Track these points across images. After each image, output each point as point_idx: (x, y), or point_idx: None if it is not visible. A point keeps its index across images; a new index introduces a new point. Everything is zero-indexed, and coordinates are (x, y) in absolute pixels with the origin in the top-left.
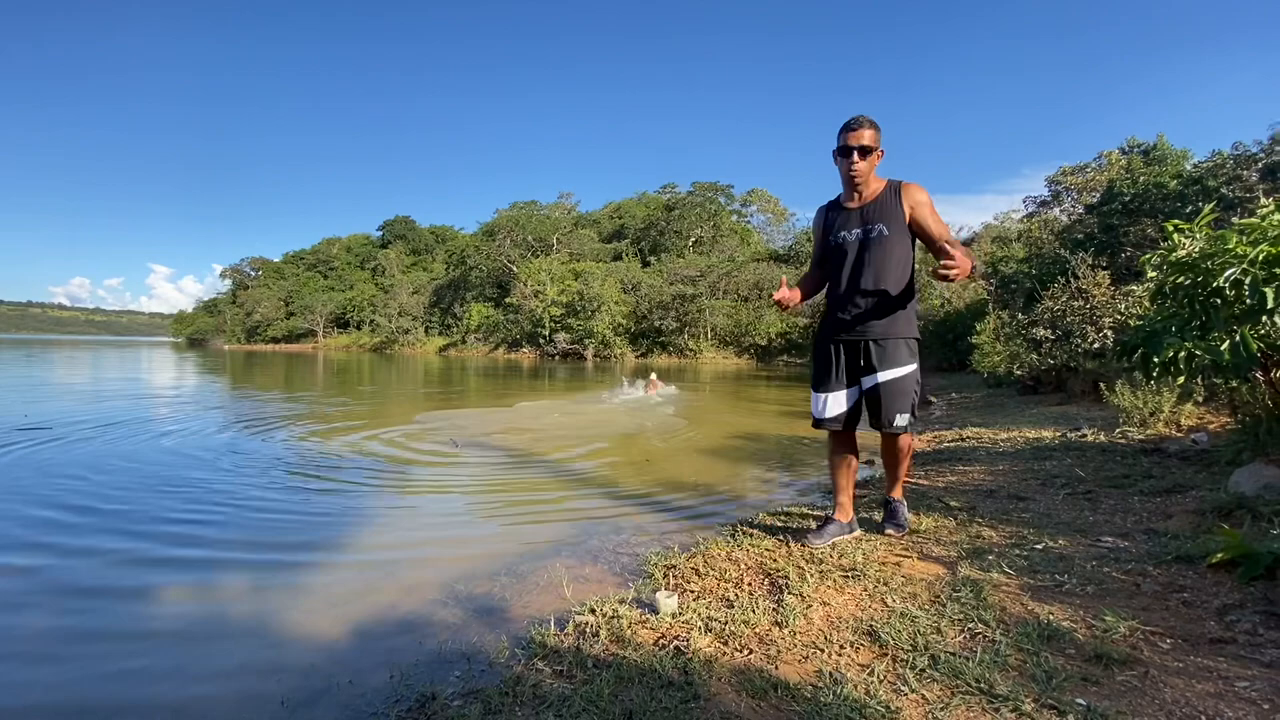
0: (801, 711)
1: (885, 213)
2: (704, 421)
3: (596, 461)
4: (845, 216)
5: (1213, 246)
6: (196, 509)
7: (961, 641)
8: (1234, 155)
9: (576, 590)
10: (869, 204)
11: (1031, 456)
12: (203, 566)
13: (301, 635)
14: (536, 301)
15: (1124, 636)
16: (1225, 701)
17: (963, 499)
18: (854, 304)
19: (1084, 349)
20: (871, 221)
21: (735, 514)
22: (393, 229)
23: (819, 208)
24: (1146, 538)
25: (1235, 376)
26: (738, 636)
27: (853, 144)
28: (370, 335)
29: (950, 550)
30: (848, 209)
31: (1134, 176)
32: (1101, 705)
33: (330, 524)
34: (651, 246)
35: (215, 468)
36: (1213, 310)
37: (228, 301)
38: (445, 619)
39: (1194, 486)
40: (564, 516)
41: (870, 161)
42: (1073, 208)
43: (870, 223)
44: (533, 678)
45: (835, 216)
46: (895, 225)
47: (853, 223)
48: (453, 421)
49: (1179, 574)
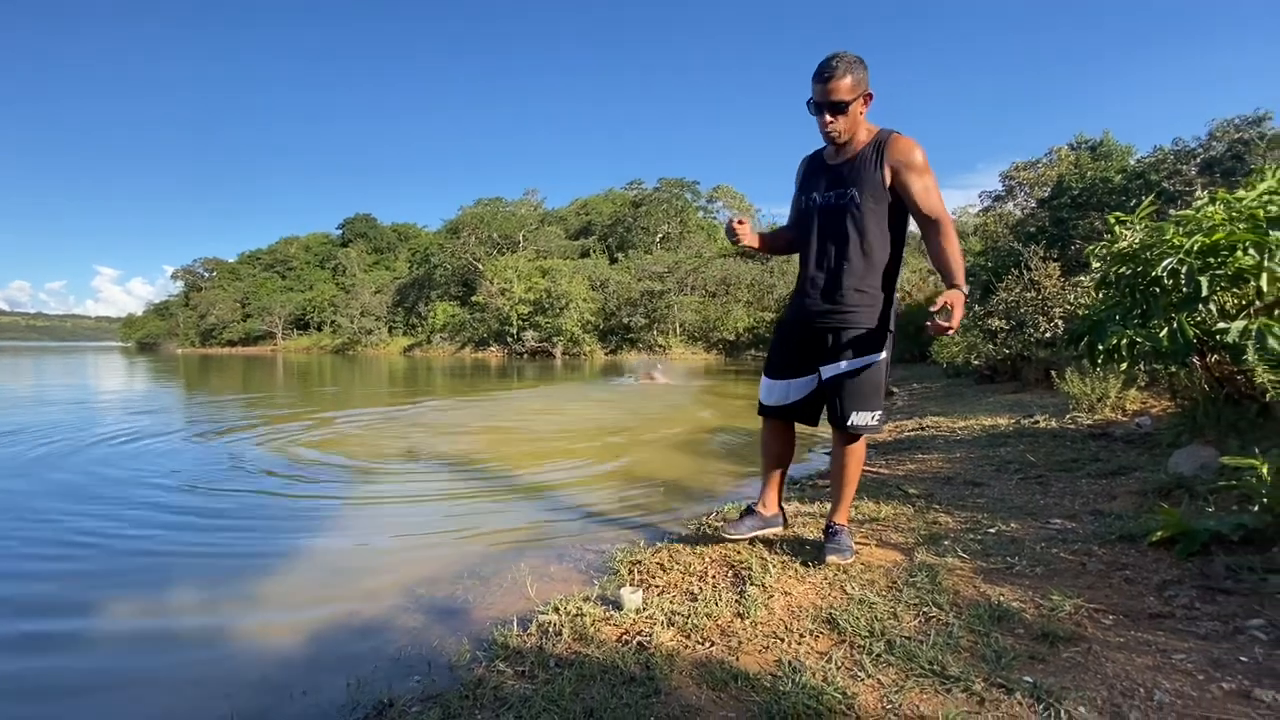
0: (761, 701)
1: (862, 174)
2: (674, 417)
3: (565, 459)
4: (822, 174)
5: (1152, 238)
6: (140, 515)
7: (917, 625)
8: (1174, 150)
9: (541, 590)
10: (848, 161)
11: (987, 443)
12: (146, 577)
13: (254, 646)
14: (503, 299)
15: (1069, 615)
16: (1163, 673)
17: (921, 486)
18: (816, 283)
19: (1037, 338)
20: (844, 184)
21: (702, 508)
22: (353, 227)
23: (804, 156)
24: (1093, 519)
25: (1174, 362)
26: (700, 629)
27: (823, 101)
28: (332, 336)
29: (908, 537)
30: (827, 165)
31: (1082, 171)
32: (1047, 682)
33: (286, 530)
34: (619, 243)
35: (163, 472)
36: (1152, 299)
37: (180, 304)
38: (406, 624)
39: (1137, 468)
40: (529, 516)
41: (850, 115)
42: (1025, 202)
43: (843, 185)
44: (494, 680)
45: (813, 172)
46: (870, 190)
47: (824, 183)
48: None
49: (1122, 553)
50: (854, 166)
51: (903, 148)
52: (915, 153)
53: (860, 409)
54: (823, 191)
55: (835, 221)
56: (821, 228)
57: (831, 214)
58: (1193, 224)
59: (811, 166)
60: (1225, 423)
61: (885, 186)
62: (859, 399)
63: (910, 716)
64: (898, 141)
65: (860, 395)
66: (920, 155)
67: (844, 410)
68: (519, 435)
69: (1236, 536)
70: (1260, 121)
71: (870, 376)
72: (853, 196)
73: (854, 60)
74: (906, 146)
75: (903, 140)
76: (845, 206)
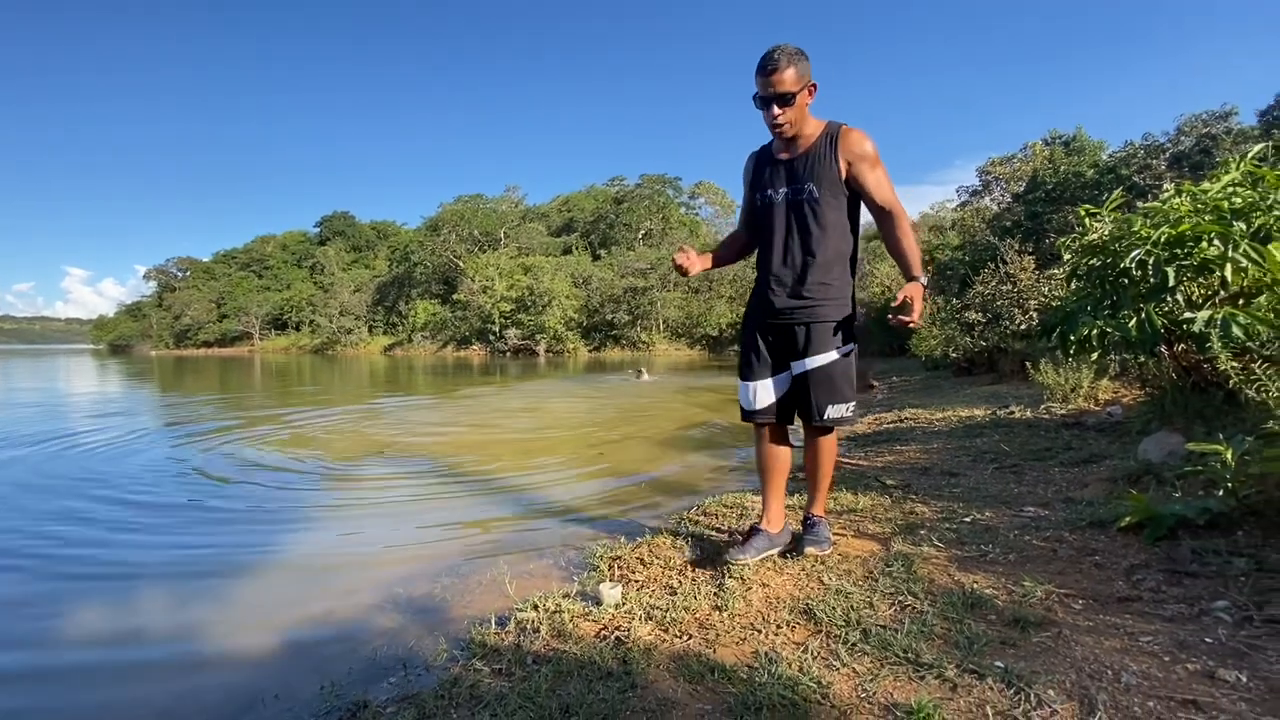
0: (737, 692)
1: (817, 168)
2: (657, 413)
3: (545, 456)
4: (775, 170)
5: (1120, 230)
6: (110, 516)
7: (892, 614)
8: (1144, 145)
9: (520, 587)
10: (800, 156)
11: (964, 434)
12: (116, 580)
13: (227, 650)
14: (485, 297)
15: (1040, 600)
16: (1130, 656)
17: (898, 477)
18: (781, 280)
19: (1012, 330)
20: (801, 179)
21: (684, 503)
22: (331, 225)
23: (750, 154)
24: (1064, 506)
25: (1143, 352)
26: (678, 623)
27: (769, 93)
28: (310, 336)
29: (885, 527)
30: (778, 161)
31: (1055, 166)
32: (1018, 666)
33: (259, 531)
34: (601, 240)
35: (133, 474)
36: (1121, 290)
37: (153, 305)
38: (382, 624)
39: (1108, 456)
40: (509, 513)
41: (796, 107)
42: (1001, 196)
43: (800, 180)
44: (470, 678)
45: (765, 169)
46: (828, 184)
47: (781, 179)
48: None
49: (1092, 538)
50: (809, 161)
51: (855, 140)
52: (867, 144)
53: (835, 401)
54: (779, 188)
55: (796, 217)
56: (782, 224)
57: (792, 210)
58: (1160, 216)
59: (761, 164)
60: (1192, 410)
61: (842, 180)
62: (833, 392)
63: (884, 704)
64: (850, 134)
65: (834, 388)
66: (872, 147)
67: (818, 404)
68: (500, 432)
69: (1202, 521)
70: (1227, 117)
71: (843, 368)
72: (811, 191)
73: (795, 52)
74: (859, 139)
75: (854, 133)
76: (806, 201)
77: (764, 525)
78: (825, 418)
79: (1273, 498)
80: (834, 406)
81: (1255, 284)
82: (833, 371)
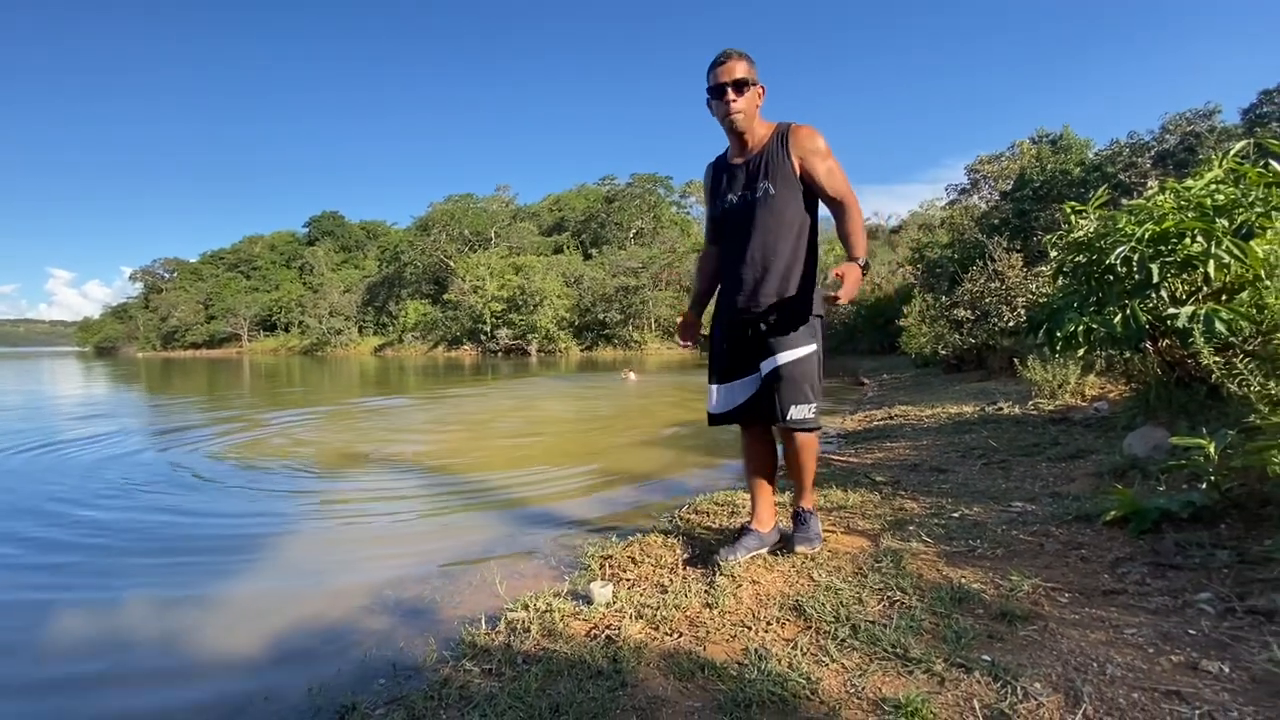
0: (727, 689)
1: (772, 167)
2: (649, 412)
3: (536, 455)
4: (731, 176)
5: (1105, 227)
6: (96, 519)
7: (881, 610)
8: (1130, 144)
9: (511, 587)
10: (754, 157)
11: (953, 431)
12: (101, 585)
13: (215, 653)
14: (476, 297)
15: (1027, 594)
16: (1115, 648)
17: (888, 474)
18: (744, 280)
19: (1001, 327)
20: (757, 179)
21: (676, 501)
22: (320, 225)
23: (708, 165)
24: (1051, 500)
25: (1128, 347)
26: (669, 621)
27: (725, 80)
28: (300, 337)
29: (875, 523)
30: (734, 166)
31: (1043, 164)
32: (1005, 660)
33: (249, 533)
34: (593, 239)
35: (121, 477)
36: (1107, 286)
37: (139, 306)
38: (372, 626)
39: (1094, 451)
40: (501, 513)
41: (749, 98)
42: (990, 194)
43: (756, 180)
44: (460, 679)
45: (722, 177)
46: (784, 181)
47: (739, 183)
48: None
49: (1078, 532)
50: (762, 161)
51: (805, 135)
52: (818, 139)
53: (797, 402)
54: (738, 191)
55: (755, 217)
56: (742, 226)
57: (750, 211)
58: (1144, 213)
59: (719, 172)
60: (1176, 405)
61: (796, 175)
62: (796, 392)
63: (872, 699)
64: (799, 130)
65: (797, 388)
66: (823, 141)
67: (782, 405)
68: (491, 432)
69: (1186, 514)
70: (1210, 115)
71: (804, 368)
72: (767, 189)
73: (746, 55)
74: (809, 134)
75: (804, 129)
76: (762, 200)
77: (754, 524)
78: (789, 419)
79: (1255, 490)
80: (796, 407)
81: (1238, 280)
82: (800, 369)
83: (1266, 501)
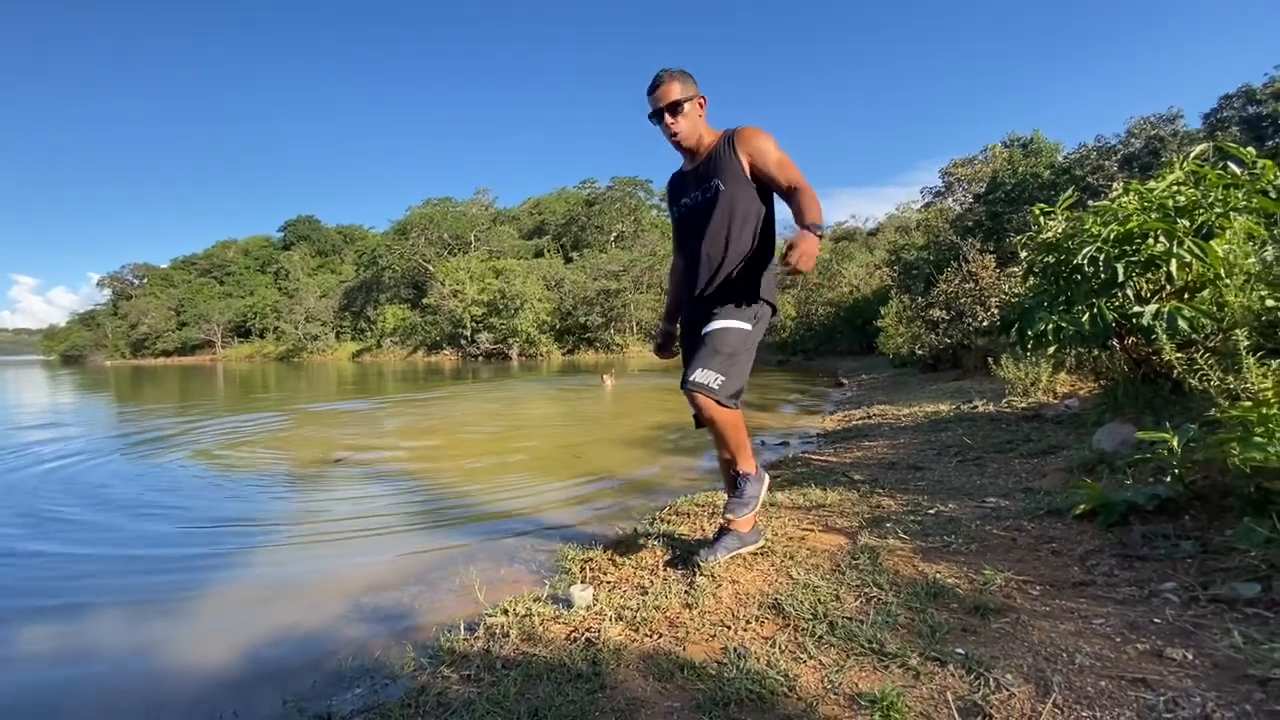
0: (706, 689)
1: (720, 166)
2: (631, 414)
3: (521, 457)
4: (685, 182)
5: (1073, 228)
6: (60, 527)
7: (858, 606)
8: (1097, 147)
9: (491, 592)
10: (704, 161)
11: (929, 429)
12: (70, 594)
13: (185, 666)
14: (456, 301)
15: (1000, 588)
16: (1084, 638)
17: (866, 472)
18: (699, 274)
19: (975, 327)
20: (708, 178)
21: (657, 503)
22: (296, 229)
23: (669, 178)
24: (1024, 496)
25: (1096, 345)
26: (648, 622)
27: (661, 105)
28: (275, 343)
29: (853, 521)
30: (687, 173)
31: (1014, 167)
32: (978, 652)
33: (220, 542)
34: (573, 242)
35: (88, 484)
36: (1075, 286)
37: (108, 313)
38: (349, 634)
39: (1065, 447)
40: (481, 517)
41: (689, 116)
42: (963, 197)
43: (707, 179)
44: (438, 686)
45: (678, 184)
46: (732, 179)
47: (691, 186)
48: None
49: (1049, 526)
50: (711, 162)
51: (749, 134)
52: (762, 135)
53: (706, 366)
54: (691, 194)
55: (707, 214)
56: (698, 224)
57: (703, 209)
58: (1109, 214)
59: (675, 181)
60: (1142, 400)
61: (746, 172)
62: (706, 357)
63: (849, 694)
64: (744, 131)
65: (709, 354)
66: (767, 135)
67: (691, 368)
68: (471, 435)
69: (1152, 506)
70: (1174, 119)
71: (726, 338)
72: (717, 186)
73: (678, 71)
74: (753, 133)
75: (748, 129)
76: (713, 199)
77: (733, 525)
78: (689, 379)
79: (1216, 482)
80: (701, 371)
81: (1199, 279)
82: (722, 338)
83: (1227, 493)
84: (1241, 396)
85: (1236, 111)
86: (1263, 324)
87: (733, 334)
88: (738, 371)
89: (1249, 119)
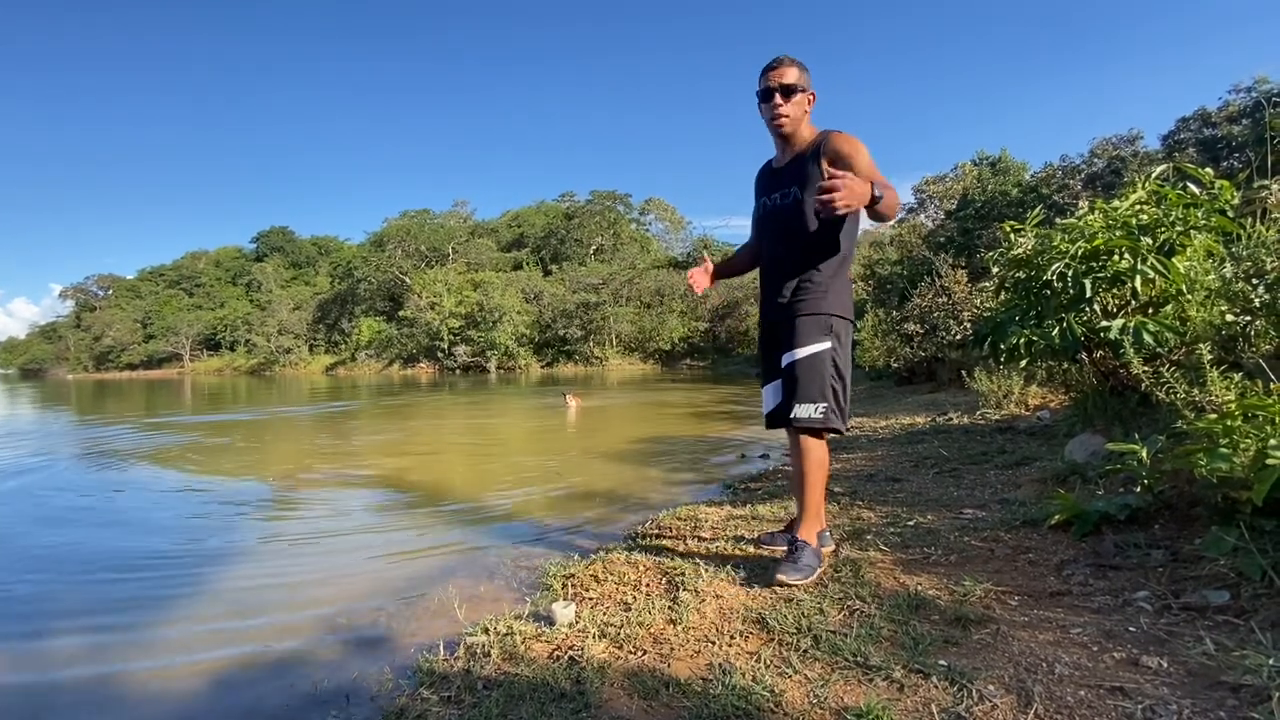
0: (691, 706)
1: (803, 171)
2: (610, 428)
3: (500, 474)
4: (770, 178)
5: (1042, 244)
6: (17, 546)
7: (841, 619)
8: (1062, 166)
9: (471, 611)
10: (791, 161)
11: (906, 441)
12: (24, 618)
13: (149, 695)
14: (433, 314)
15: (979, 598)
16: (1062, 648)
17: (846, 484)
18: (773, 281)
19: (949, 341)
20: (787, 184)
21: (639, 518)
22: (269, 241)
23: (760, 169)
24: (1000, 507)
25: (1065, 358)
26: (632, 639)
27: (773, 83)
28: (246, 356)
29: (834, 533)
30: (774, 169)
31: (984, 185)
32: (960, 664)
33: (186, 560)
34: (552, 255)
35: (46, 501)
36: (1045, 300)
37: (70, 325)
38: (324, 657)
39: (1038, 458)
40: (457, 534)
41: (797, 103)
42: (936, 213)
43: (786, 185)
44: (417, 708)
45: (764, 178)
46: (811, 186)
47: (774, 185)
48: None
49: (1026, 537)
50: (796, 166)
51: (836, 140)
52: (853, 143)
53: (804, 400)
54: (772, 194)
55: (782, 221)
56: (771, 229)
57: (778, 214)
58: (1076, 232)
59: (763, 173)
60: (1111, 412)
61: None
62: (798, 389)
63: (835, 708)
64: (832, 136)
65: (799, 386)
66: (858, 145)
67: (789, 402)
68: (447, 451)
69: (1123, 516)
70: (1134, 140)
71: (810, 365)
72: (794, 194)
73: (798, 60)
74: (841, 138)
75: (837, 134)
76: (789, 205)
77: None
78: (794, 416)
79: (1184, 492)
80: (801, 405)
81: (1162, 294)
82: (811, 365)
83: (1195, 502)
84: (1206, 408)
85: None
86: (1223, 338)
87: (819, 358)
88: (830, 393)
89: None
